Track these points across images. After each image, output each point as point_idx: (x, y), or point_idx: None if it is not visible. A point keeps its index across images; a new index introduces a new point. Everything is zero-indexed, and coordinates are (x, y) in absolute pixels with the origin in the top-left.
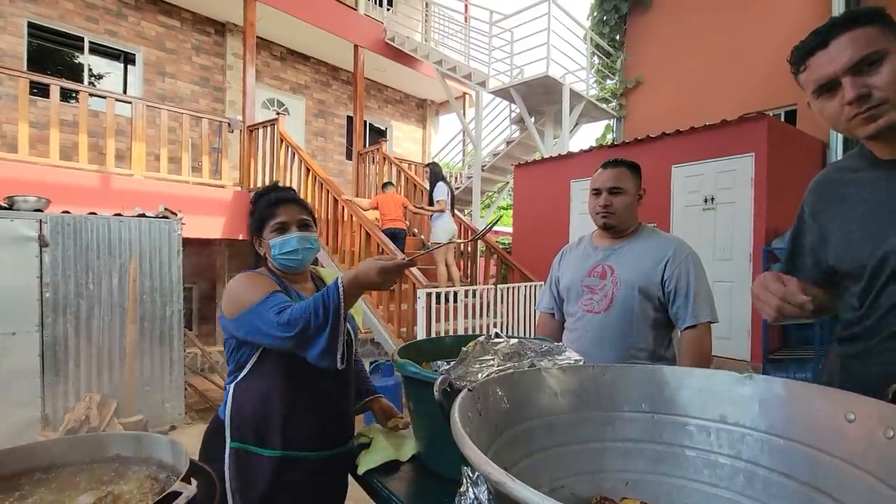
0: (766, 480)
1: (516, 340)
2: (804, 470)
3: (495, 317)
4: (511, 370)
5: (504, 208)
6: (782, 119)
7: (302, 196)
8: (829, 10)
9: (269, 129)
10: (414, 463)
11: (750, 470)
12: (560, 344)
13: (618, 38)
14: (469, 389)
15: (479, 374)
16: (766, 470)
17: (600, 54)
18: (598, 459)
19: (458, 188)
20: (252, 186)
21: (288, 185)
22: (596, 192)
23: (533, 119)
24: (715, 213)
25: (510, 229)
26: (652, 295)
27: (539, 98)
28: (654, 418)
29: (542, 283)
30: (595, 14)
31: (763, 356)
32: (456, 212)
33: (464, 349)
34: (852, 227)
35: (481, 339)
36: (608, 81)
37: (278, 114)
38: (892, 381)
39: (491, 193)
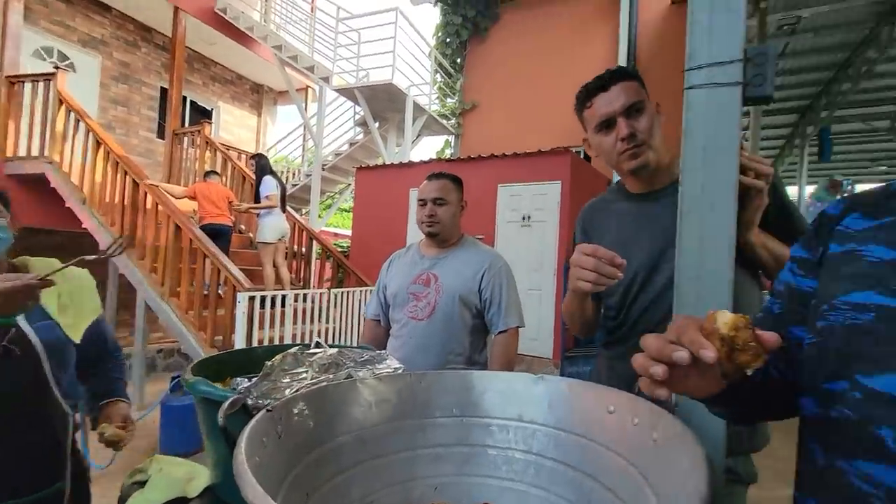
0: (551, 470)
1: (335, 350)
2: (578, 457)
3: (328, 322)
4: (325, 383)
5: (346, 210)
6: (581, 156)
7: (89, 176)
8: (616, 59)
9: (42, 84)
10: (207, 497)
11: (539, 462)
12: (382, 352)
13: (458, 61)
14: (268, 410)
15: (289, 390)
16: (552, 461)
17: (442, 73)
18: (409, 468)
19: (295, 185)
20: (13, 155)
21: (69, 159)
22: (422, 203)
23: (377, 124)
24: (530, 229)
25: (350, 232)
26: (470, 303)
27: (384, 104)
28: (463, 421)
29: None
30: (439, 34)
31: (561, 353)
32: (290, 209)
33: (268, 363)
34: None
35: (294, 350)
36: (448, 100)
37: (57, 68)
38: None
39: (332, 194)
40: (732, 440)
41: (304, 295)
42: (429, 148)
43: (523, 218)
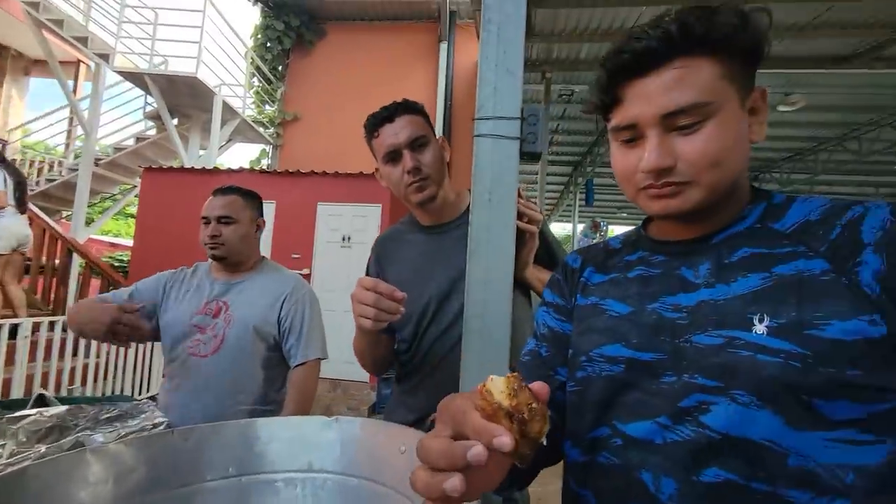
0: None
1: (64, 409)
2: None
3: (97, 357)
4: (28, 461)
5: (132, 216)
6: None
7: None
8: (434, 107)
9: None
10: None
11: None
12: (142, 403)
13: (280, 68)
14: None
15: None
16: None
17: (261, 78)
18: None
19: (52, 181)
20: None
21: None
22: (205, 221)
23: (176, 121)
24: (350, 250)
25: (130, 242)
26: (266, 334)
27: (185, 99)
28: (242, 481)
29: None
30: (258, 36)
31: (378, 375)
32: (34, 210)
33: None
34: (403, 280)
35: None
36: (267, 107)
37: None
38: (433, 412)
39: (110, 195)
40: None
41: (52, 323)
42: (241, 156)
43: (343, 238)
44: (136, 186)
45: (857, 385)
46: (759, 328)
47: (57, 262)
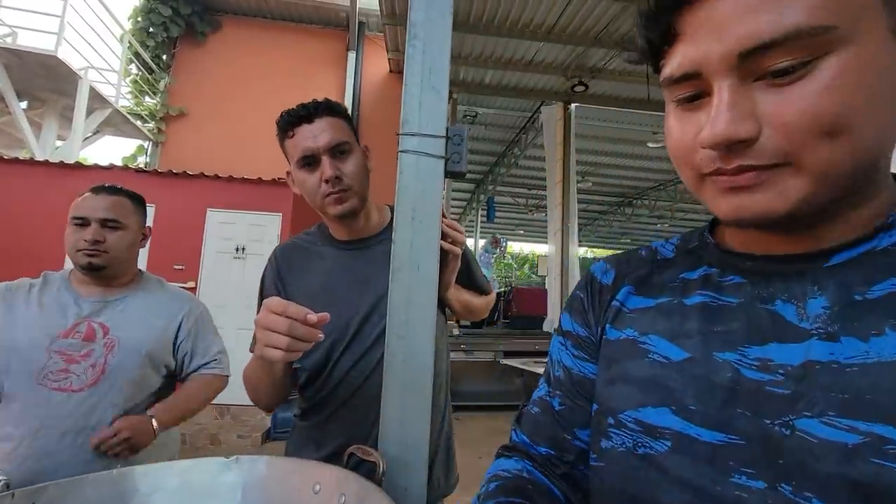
0: None
1: None
2: None
3: None
4: None
5: None
6: None
7: None
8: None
9: None
10: None
11: None
12: None
13: (164, 58)
14: None
15: None
16: None
17: (140, 66)
18: None
19: None
20: None
21: None
22: (81, 223)
23: (25, 105)
24: (244, 262)
25: None
26: (161, 360)
27: (38, 81)
28: None
29: None
30: (139, 19)
31: (270, 411)
32: None
33: None
34: (312, 299)
35: None
36: (148, 99)
37: None
38: (349, 445)
39: None
40: (431, 490)
41: None
42: (112, 151)
43: (237, 249)
44: None
45: None
46: None
47: None
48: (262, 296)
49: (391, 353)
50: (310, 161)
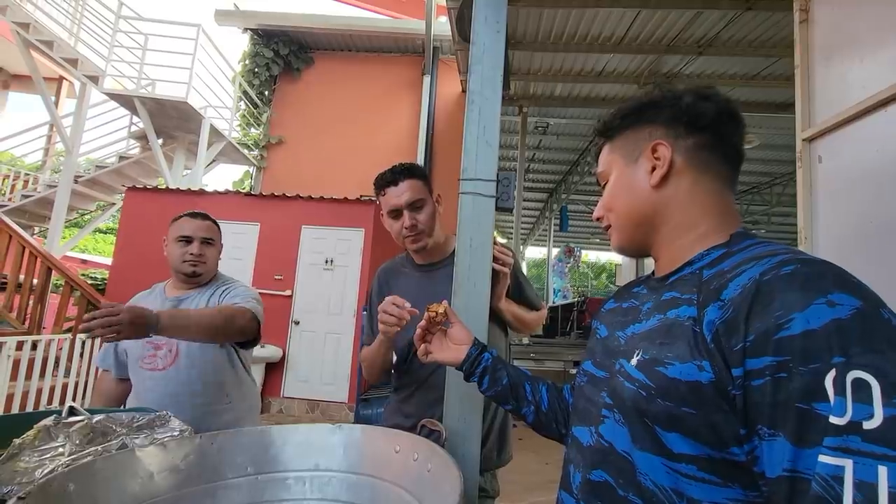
0: None
1: (102, 416)
2: (368, 497)
3: (65, 376)
4: (91, 457)
5: (103, 231)
6: None
7: None
8: (417, 136)
9: None
10: None
11: None
12: (163, 413)
13: (266, 93)
14: (20, 498)
15: (40, 471)
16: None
17: (247, 101)
18: None
19: (28, 196)
20: None
21: None
22: (186, 240)
23: (161, 141)
24: (332, 273)
25: (108, 260)
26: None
27: (172, 122)
28: (258, 479)
29: None
30: (246, 62)
31: (357, 397)
32: (12, 225)
33: (17, 441)
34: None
35: (47, 421)
36: (252, 130)
37: None
38: (424, 417)
39: (86, 212)
40: (485, 460)
41: (35, 342)
42: (223, 177)
43: (326, 261)
44: (113, 204)
45: (689, 422)
46: (634, 360)
47: (35, 280)
48: (370, 300)
49: None
50: (395, 213)
